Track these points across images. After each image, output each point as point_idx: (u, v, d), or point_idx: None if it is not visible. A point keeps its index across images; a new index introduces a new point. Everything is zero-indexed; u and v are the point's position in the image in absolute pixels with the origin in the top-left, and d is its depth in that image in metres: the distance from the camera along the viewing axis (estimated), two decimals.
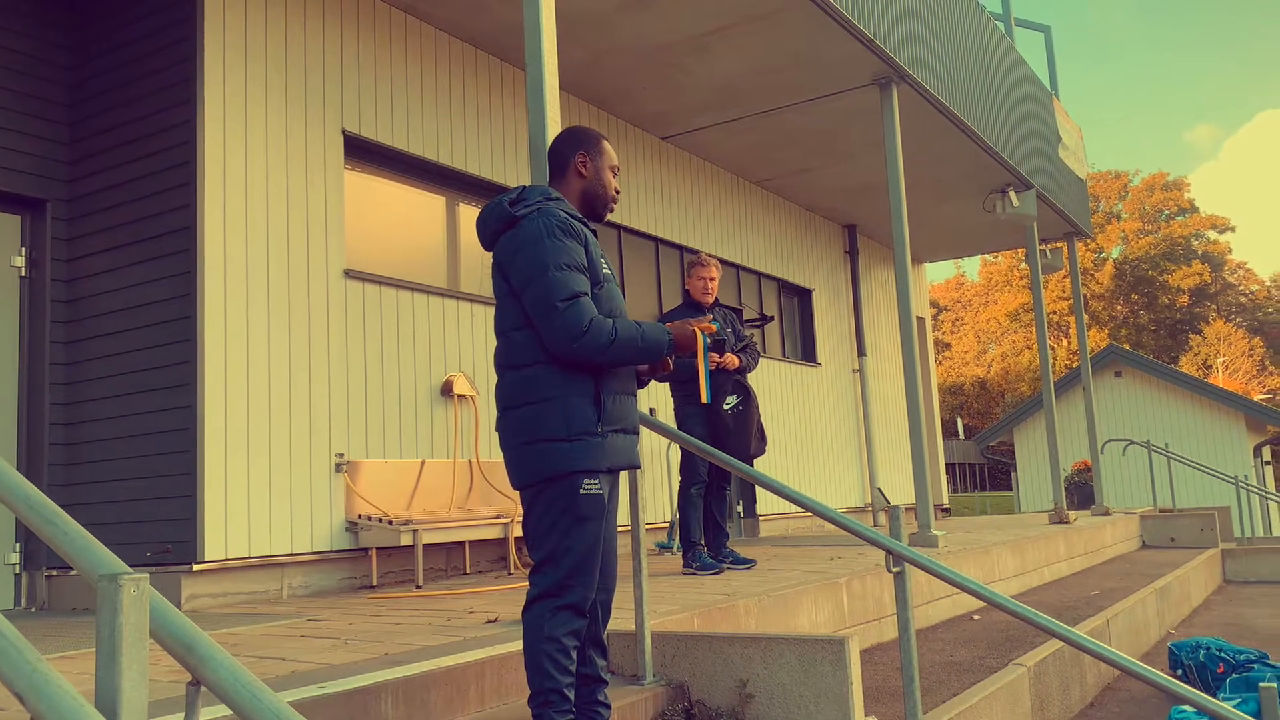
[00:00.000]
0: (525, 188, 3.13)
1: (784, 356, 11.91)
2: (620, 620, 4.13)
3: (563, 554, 2.87)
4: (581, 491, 2.87)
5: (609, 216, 3.37)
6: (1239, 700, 4.98)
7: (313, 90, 6.56)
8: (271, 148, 6.25)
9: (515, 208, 3.03)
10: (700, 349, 3.18)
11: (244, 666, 1.32)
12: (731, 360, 6.31)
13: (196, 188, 5.85)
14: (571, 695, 2.88)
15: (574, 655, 2.90)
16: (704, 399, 3.29)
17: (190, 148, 5.92)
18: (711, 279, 6.46)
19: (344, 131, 6.73)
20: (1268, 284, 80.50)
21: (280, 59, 6.38)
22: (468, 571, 7.00)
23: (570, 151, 3.23)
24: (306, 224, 6.38)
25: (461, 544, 6.96)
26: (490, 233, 3.08)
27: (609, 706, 3.15)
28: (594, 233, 3.18)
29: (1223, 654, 6.29)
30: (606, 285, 3.07)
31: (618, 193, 3.33)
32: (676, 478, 6.63)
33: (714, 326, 3.19)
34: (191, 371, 5.74)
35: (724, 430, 6.24)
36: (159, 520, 5.79)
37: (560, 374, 2.91)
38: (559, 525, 2.88)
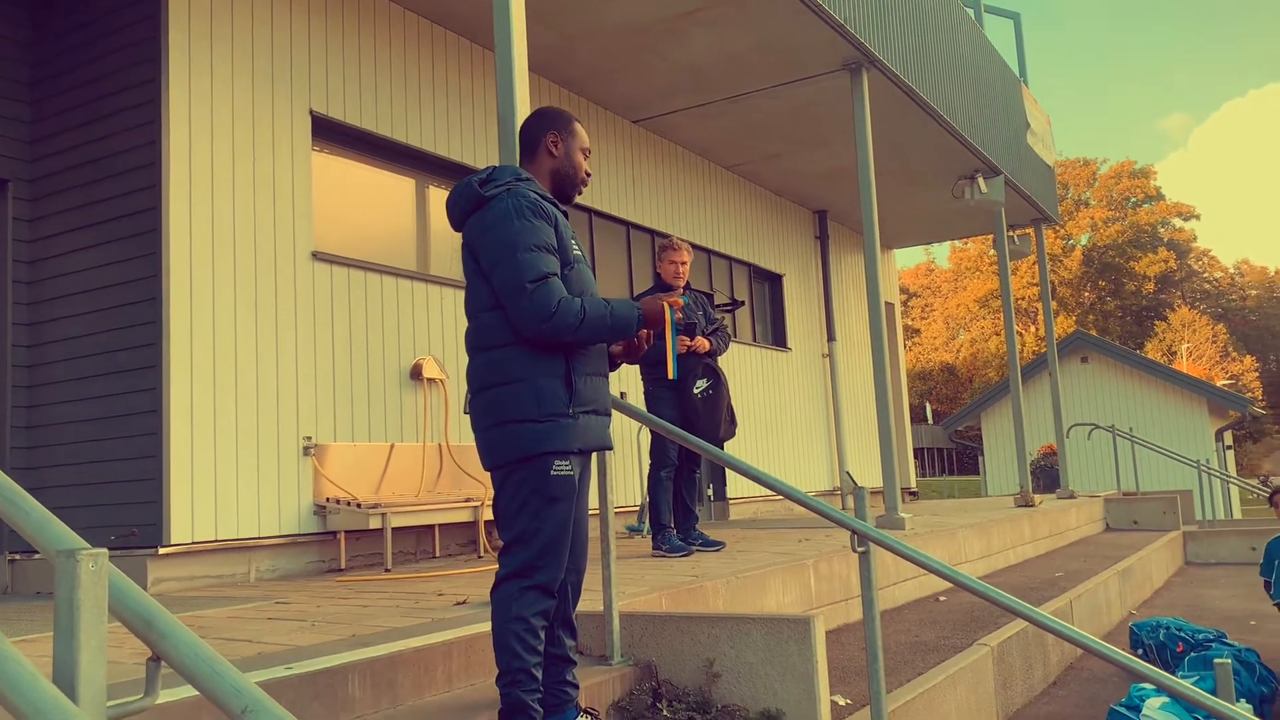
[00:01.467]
0: (495, 168, 3.12)
1: (754, 341, 11.96)
2: (589, 601, 4.14)
3: (532, 535, 2.88)
4: (552, 473, 2.88)
5: (581, 198, 3.36)
6: (1196, 678, 5.08)
7: (279, 70, 6.49)
8: (238, 128, 6.18)
9: (485, 188, 3.01)
10: (668, 324, 3.18)
11: (204, 642, 1.32)
12: (702, 344, 6.33)
13: (161, 168, 5.78)
14: (539, 675, 2.89)
15: (542, 635, 2.91)
16: (670, 375, 3.29)
17: (154, 127, 5.85)
18: (683, 263, 6.46)
19: (311, 112, 6.67)
20: (1231, 271, 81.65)
21: (246, 38, 6.31)
22: (437, 555, 6.99)
23: (541, 131, 3.22)
24: (274, 205, 6.32)
25: (431, 527, 6.95)
26: (460, 213, 3.07)
27: (577, 686, 3.17)
28: (565, 214, 3.18)
29: (1182, 633, 6.40)
30: (577, 266, 3.06)
31: (588, 175, 3.32)
32: (646, 461, 6.64)
33: (682, 301, 3.18)
34: (157, 353, 5.69)
35: (694, 413, 6.25)
36: (124, 503, 5.74)
37: (531, 355, 2.90)
38: (529, 506, 2.88)
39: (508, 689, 2.84)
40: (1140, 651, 6.46)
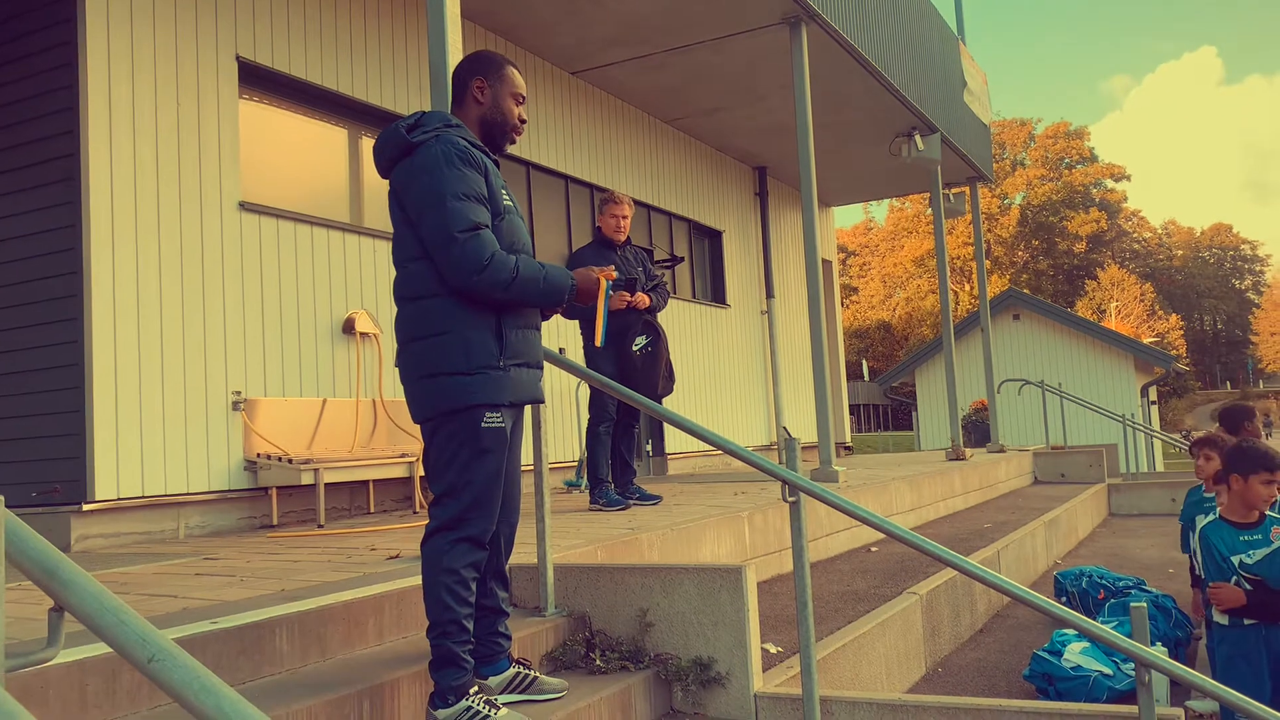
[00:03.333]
0: (424, 113, 3.04)
1: (694, 297, 11.96)
2: (524, 554, 4.14)
3: (463, 487, 2.86)
4: (483, 425, 2.85)
5: (517, 151, 3.29)
6: (1116, 623, 5.24)
7: (204, 12, 6.27)
8: (161, 73, 5.97)
9: (412, 134, 2.94)
10: (601, 295, 3.14)
11: (109, 591, 1.28)
12: (642, 299, 6.30)
13: (79, 113, 5.57)
14: (470, 626, 2.88)
15: (473, 587, 2.90)
16: (597, 342, 3.28)
17: (71, 70, 5.62)
18: (624, 216, 6.41)
19: (238, 58, 6.46)
20: (1159, 232, 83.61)
21: None
22: (372, 510, 6.93)
23: (468, 76, 3.13)
24: (199, 153, 6.13)
25: (365, 483, 6.88)
26: (386, 159, 3.00)
27: (509, 638, 3.17)
28: (496, 162, 3.11)
29: (1104, 581, 6.59)
30: (508, 217, 3.00)
31: (522, 122, 3.21)
32: (585, 416, 6.63)
33: (614, 274, 3.15)
34: (78, 305, 5.51)
35: (633, 369, 6.24)
36: (46, 459, 5.59)
37: (460, 306, 2.86)
38: (459, 458, 2.86)
39: (438, 640, 2.82)
40: (1064, 599, 6.65)
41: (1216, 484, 4.80)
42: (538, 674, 3.21)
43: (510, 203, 3.06)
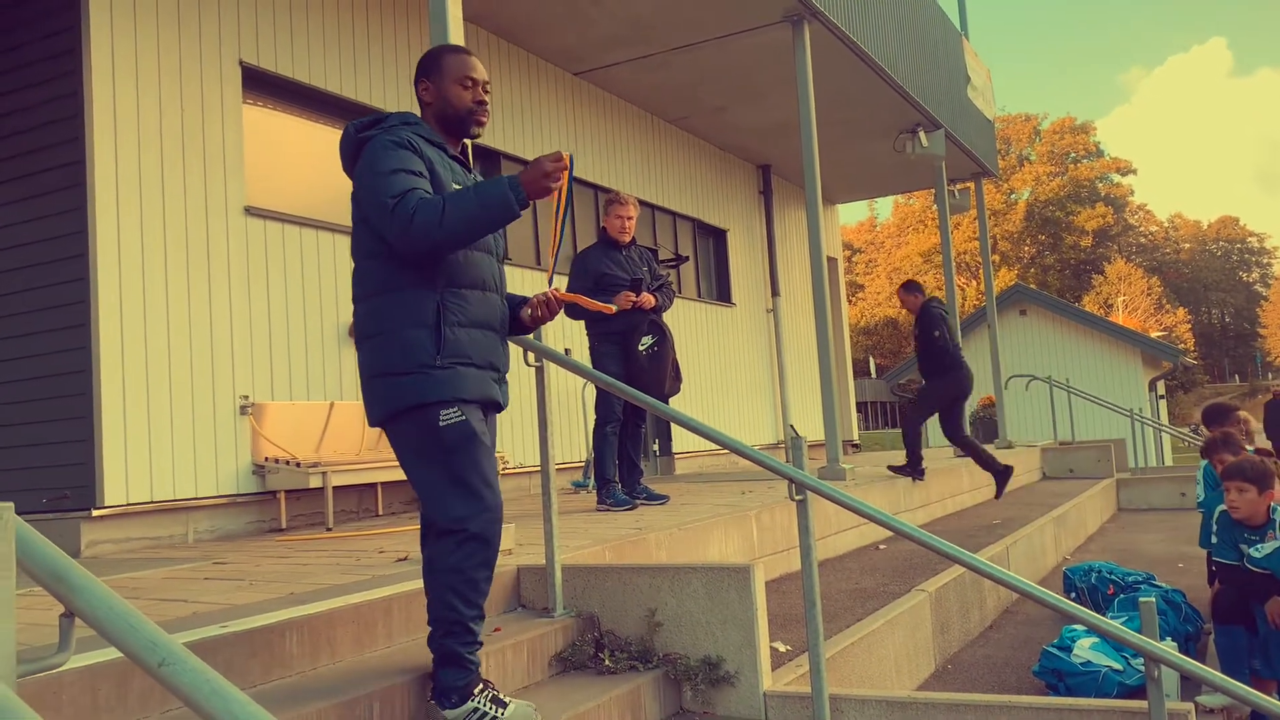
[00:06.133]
0: (389, 114, 3.00)
1: (699, 297, 11.96)
2: (532, 555, 4.15)
3: (440, 485, 2.81)
4: (440, 422, 2.77)
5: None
6: (1125, 618, 5.23)
7: (207, 18, 6.28)
8: (164, 79, 5.99)
9: (363, 133, 2.91)
10: (565, 177, 2.95)
11: (119, 596, 1.29)
12: (648, 299, 6.30)
13: (84, 120, 5.59)
14: (478, 629, 2.83)
15: (483, 589, 2.82)
16: (556, 225, 3.06)
17: (75, 78, 5.64)
18: (629, 217, 6.41)
19: (241, 63, 6.48)
20: (1166, 225, 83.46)
21: None
22: (380, 513, 6.94)
23: (416, 85, 3.07)
24: (204, 159, 6.15)
25: (374, 486, 6.89)
26: (347, 160, 2.96)
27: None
28: (461, 160, 3.02)
29: (1113, 576, 6.58)
30: None
31: (480, 103, 3.01)
32: (592, 416, 6.63)
33: (566, 157, 2.92)
34: (85, 311, 5.53)
35: (640, 369, 6.24)
36: (55, 466, 5.61)
37: (401, 304, 2.79)
38: (426, 457, 2.81)
39: (441, 640, 2.80)
40: (1073, 595, 6.64)
41: (1229, 479, 4.76)
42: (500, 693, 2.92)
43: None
